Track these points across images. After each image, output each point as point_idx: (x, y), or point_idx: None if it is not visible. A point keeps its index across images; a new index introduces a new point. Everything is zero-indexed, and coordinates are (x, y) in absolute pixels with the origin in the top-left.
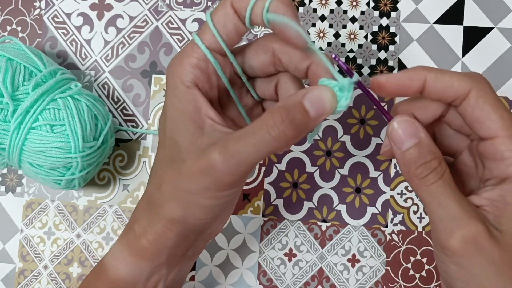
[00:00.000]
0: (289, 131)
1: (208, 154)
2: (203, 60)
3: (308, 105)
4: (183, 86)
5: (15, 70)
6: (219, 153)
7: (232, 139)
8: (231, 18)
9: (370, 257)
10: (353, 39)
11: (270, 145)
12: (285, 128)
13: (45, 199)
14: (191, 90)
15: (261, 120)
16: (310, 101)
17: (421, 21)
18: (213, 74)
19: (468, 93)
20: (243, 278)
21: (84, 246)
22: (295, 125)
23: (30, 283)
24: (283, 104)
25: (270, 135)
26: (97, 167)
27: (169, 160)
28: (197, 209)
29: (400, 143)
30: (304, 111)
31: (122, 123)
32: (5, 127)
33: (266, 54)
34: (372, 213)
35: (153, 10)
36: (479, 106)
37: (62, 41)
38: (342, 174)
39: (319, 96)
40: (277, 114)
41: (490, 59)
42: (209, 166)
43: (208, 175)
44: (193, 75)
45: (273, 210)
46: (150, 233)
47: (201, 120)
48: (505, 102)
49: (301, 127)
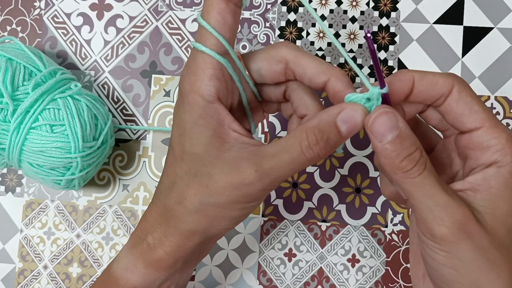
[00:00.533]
0: (323, 152)
1: (241, 170)
2: (218, 69)
3: (341, 125)
4: (204, 101)
5: (15, 70)
6: (256, 170)
7: (267, 157)
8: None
9: (370, 257)
10: (353, 39)
11: (304, 164)
12: (319, 150)
13: (45, 199)
14: (213, 104)
15: (295, 138)
16: (344, 121)
17: (421, 21)
18: (229, 80)
19: (452, 89)
20: (243, 278)
21: (84, 246)
22: (329, 146)
23: (30, 283)
24: (317, 124)
25: (305, 156)
26: (97, 167)
27: (191, 175)
28: (223, 220)
29: (381, 136)
30: (338, 131)
31: (122, 123)
32: (5, 127)
33: (278, 65)
34: (372, 213)
35: (153, 10)
36: (463, 100)
37: (62, 41)
38: (342, 174)
39: (353, 115)
40: (312, 136)
41: (490, 59)
42: (242, 182)
43: (240, 190)
44: (214, 88)
45: (273, 210)
46: (167, 245)
47: (225, 133)
48: (505, 102)
49: (334, 146)
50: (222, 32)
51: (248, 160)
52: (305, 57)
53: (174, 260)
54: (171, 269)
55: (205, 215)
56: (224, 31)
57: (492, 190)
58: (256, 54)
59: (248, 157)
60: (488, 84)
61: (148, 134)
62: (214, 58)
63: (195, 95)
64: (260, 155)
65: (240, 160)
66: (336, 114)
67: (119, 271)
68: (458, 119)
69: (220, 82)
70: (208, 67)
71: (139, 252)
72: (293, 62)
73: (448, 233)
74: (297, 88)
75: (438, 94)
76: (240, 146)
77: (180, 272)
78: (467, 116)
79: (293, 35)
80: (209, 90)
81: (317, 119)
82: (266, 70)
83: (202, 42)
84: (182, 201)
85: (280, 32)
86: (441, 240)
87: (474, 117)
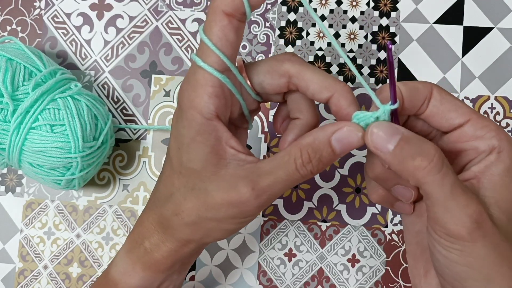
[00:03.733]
0: (315, 170)
1: (238, 188)
2: (218, 87)
3: (336, 144)
4: (203, 118)
5: (15, 70)
6: (252, 189)
7: (263, 175)
8: (229, 28)
9: (370, 257)
10: (353, 39)
11: (298, 181)
12: (312, 168)
13: (45, 199)
14: (212, 122)
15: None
16: (338, 141)
17: (421, 21)
18: (229, 95)
19: (432, 92)
20: (243, 278)
21: (84, 246)
22: (322, 164)
23: (30, 283)
24: (311, 142)
25: (299, 173)
26: (97, 167)
27: (188, 188)
28: (218, 232)
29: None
30: (331, 150)
31: (122, 123)
32: (5, 127)
33: (281, 79)
34: (372, 213)
35: (153, 10)
36: (445, 98)
37: (62, 41)
38: (342, 174)
39: (348, 136)
40: (305, 154)
41: (490, 59)
42: (239, 200)
43: (237, 207)
44: (213, 106)
45: (273, 210)
46: (164, 250)
47: (222, 150)
48: (505, 102)
49: (327, 163)
50: (224, 49)
51: (245, 178)
52: (309, 72)
53: (172, 262)
54: (169, 270)
55: (202, 227)
56: (226, 48)
57: (494, 177)
58: (258, 66)
59: (245, 175)
60: (488, 84)
61: (148, 134)
62: (215, 76)
63: (194, 112)
64: (256, 172)
65: (237, 178)
66: (331, 133)
67: (118, 275)
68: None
69: (220, 100)
70: (208, 85)
71: (137, 256)
72: (296, 77)
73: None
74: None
75: (422, 99)
76: (237, 163)
77: (177, 273)
78: (453, 112)
79: (293, 35)
80: (208, 108)
81: (312, 136)
82: (269, 84)
83: (203, 58)
84: (179, 213)
85: (280, 32)
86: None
87: (460, 111)
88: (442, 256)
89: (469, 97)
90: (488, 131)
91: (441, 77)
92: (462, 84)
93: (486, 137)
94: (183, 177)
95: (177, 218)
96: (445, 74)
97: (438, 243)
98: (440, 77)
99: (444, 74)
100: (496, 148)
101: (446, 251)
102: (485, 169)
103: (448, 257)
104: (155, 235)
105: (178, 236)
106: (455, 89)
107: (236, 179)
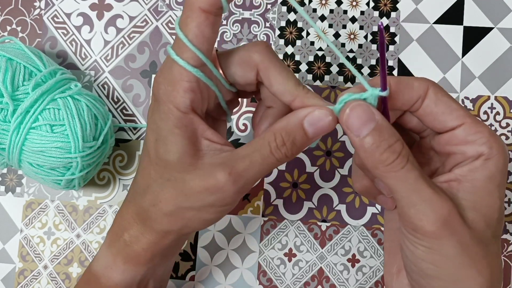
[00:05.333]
0: (290, 152)
1: (215, 175)
2: (194, 82)
3: (308, 127)
4: (179, 112)
5: (15, 70)
6: (229, 174)
7: (240, 159)
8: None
9: (370, 257)
10: (353, 39)
11: (274, 165)
12: (286, 151)
13: (45, 199)
14: (188, 115)
15: (265, 139)
16: (310, 124)
17: (421, 21)
18: (205, 88)
19: (427, 91)
20: (243, 278)
21: (84, 246)
22: (296, 147)
23: (30, 283)
24: (284, 126)
25: (274, 156)
26: (97, 167)
27: (165, 179)
28: (197, 222)
29: (358, 129)
30: (304, 133)
31: (122, 123)
32: (5, 127)
33: (251, 72)
34: (372, 213)
35: (153, 10)
36: (441, 100)
37: (62, 41)
38: (342, 174)
39: (320, 118)
40: (279, 137)
41: (490, 59)
42: (216, 186)
43: (214, 194)
44: (189, 100)
45: (273, 210)
46: (143, 242)
47: (199, 142)
48: (505, 102)
49: (300, 147)
50: (200, 45)
51: (221, 164)
52: (274, 70)
53: (152, 255)
54: (149, 263)
55: (180, 217)
56: (202, 44)
57: (476, 182)
58: (231, 56)
59: (221, 162)
60: (488, 84)
61: None
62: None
63: (171, 106)
64: (232, 158)
65: (213, 166)
66: (303, 116)
67: (100, 269)
68: (438, 119)
69: (195, 94)
70: (184, 80)
71: (117, 249)
72: (262, 73)
73: (432, 229)
74: None
75: (416, 97)
76: (213, 153)
77: (158, 266)
78: (447, 115)
79: (293, 35)
80: (184, 102)
81: (285, 121)
82: (240, 76)
83: (179, 52)
84: (157, 204)
85: (280, 32)
86: (423, 235)
87: (455, 114)
88: (410, 251)
89: (469, 97)
90: (480, 137)
91: (441, 77)
92: (462, 84)
93: (477, 143)
94: (160, 168)
95: (155, 208)
96: (445, 74)
97: (407, 238)
98: (440, 77)
99: (444, 74)
100: (484, 155)
101: (413, 246)
102: (468, 173)
103: (414, 253)
104: (134, 227)
105: (157, 227)
106: (455, 89)
107: (212, 167)
